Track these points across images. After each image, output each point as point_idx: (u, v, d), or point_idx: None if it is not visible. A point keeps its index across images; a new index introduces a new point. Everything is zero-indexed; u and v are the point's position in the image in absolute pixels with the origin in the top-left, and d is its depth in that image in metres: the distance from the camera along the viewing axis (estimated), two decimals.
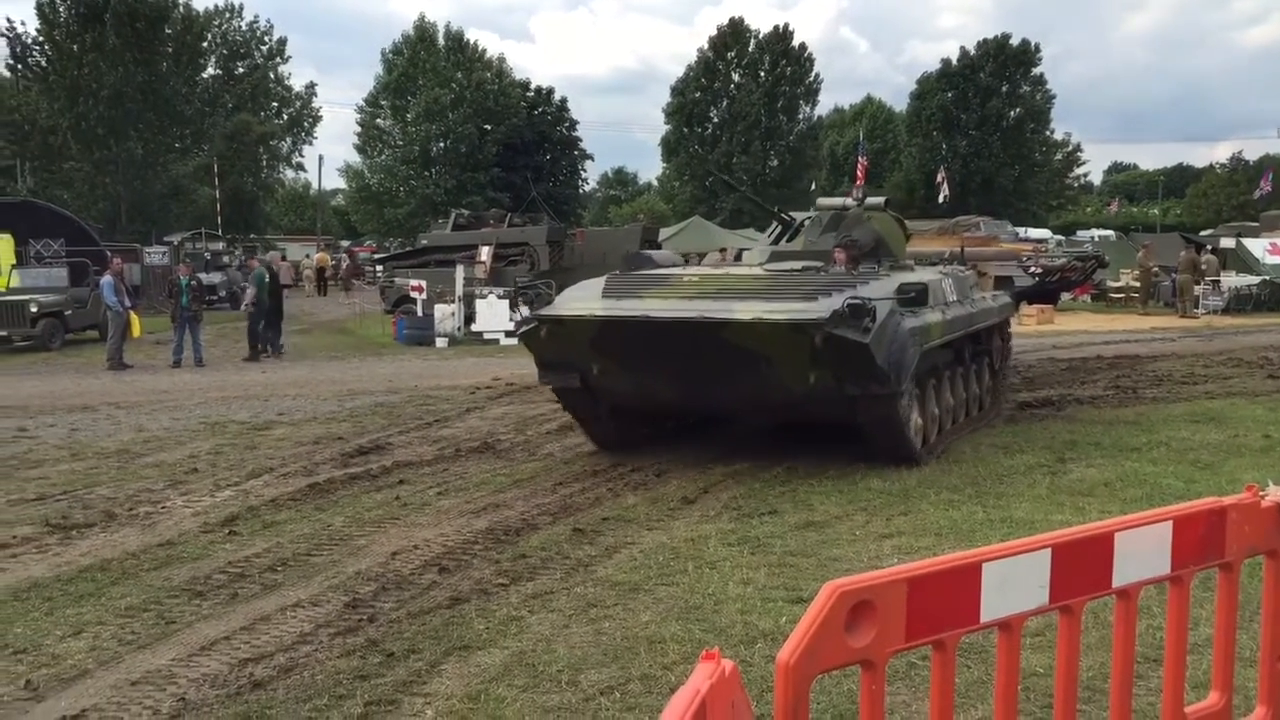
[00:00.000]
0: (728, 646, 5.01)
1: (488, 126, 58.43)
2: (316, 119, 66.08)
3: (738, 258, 14.70)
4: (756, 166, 60.82)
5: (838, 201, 12.41)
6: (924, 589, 2.45)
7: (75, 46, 40.40)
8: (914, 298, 8.80)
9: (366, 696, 4.67)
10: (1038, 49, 63.95)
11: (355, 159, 64.06)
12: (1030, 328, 24.42)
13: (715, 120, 63.18)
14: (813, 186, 58.01)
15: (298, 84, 70.72)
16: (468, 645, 5.23)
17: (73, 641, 5.50)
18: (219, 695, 4.74)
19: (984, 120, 62.03)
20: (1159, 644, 4.16)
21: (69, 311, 23.77)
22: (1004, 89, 63.09)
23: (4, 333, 22.49)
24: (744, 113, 61.21)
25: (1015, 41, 63.27)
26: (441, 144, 58.85)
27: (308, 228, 69.85)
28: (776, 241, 12.02)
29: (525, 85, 63.50)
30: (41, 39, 40.92)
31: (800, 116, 64.25)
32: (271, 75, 62.81)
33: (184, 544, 7.27)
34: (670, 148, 64.21)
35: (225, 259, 39.85)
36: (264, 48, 62.33)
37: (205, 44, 51.28)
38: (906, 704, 4.42)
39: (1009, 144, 62.29)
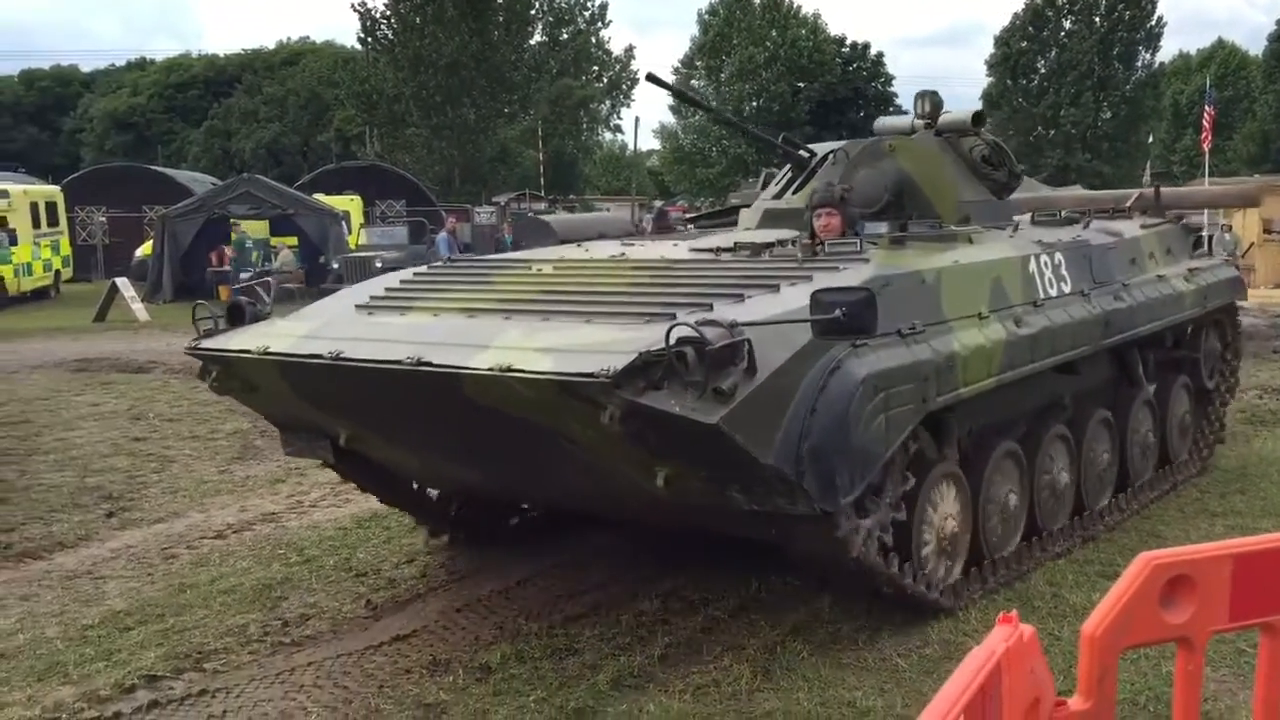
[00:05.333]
0: (1035, 619, 4.83)
1: (801, 84, 58.08)
2: (634, 81, 67.76)
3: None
4: (1087, 119, 57.14)
5: (903, 122, 7.32)
6: (1252, 566, 2.27)
7: (418, 19, 43.37)
8: (841, 321, 3.94)
9: (667, 639, 4.84)
10: None
11: (670, 120, 65.50)
12: None
13: (1042, 71, 59.84)
14: (1149, 140, 53.87)
15: (617, 48, 72.82)
16: (761, 601, 5.30)
17: (406, 568, 6.01)
18: (533, 627, 5.04)
19: None
20: None
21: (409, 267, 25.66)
22: None
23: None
24: (1075, 62, 57.50)
25: None
26: (754, 103, 59.03)
27: (623, 188, 72.00)
28: (781, 193, 7.14)
29: (840, 41, 62.59)
30: (389, 13, 44.14)
31: (1139, 64, 59.61)
32: (593, 40, 64.94)
33: None
34: (992, 101, 61.32)
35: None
36: (586, 13, 64.51)
37: (533, 12, 53.60)
38: (1232, 692, 4.12)
39: None
